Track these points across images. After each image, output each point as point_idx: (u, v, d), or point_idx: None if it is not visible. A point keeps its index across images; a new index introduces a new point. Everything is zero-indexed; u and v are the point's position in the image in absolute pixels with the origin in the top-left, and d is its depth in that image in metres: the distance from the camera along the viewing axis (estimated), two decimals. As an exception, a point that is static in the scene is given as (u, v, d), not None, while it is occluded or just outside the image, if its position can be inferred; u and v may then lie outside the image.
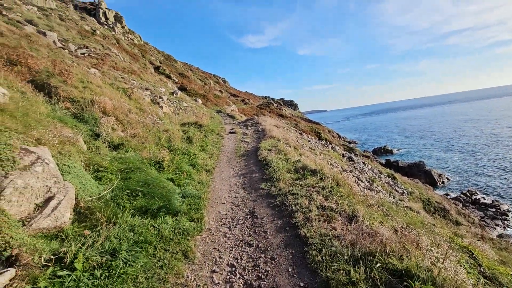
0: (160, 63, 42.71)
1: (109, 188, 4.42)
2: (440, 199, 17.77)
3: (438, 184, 25.91)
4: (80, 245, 3.06)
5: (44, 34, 17.24)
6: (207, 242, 3.91)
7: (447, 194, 22.84)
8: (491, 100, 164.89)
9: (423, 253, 3.09)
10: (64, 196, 3.69)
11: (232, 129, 14.96)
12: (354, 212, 4.23)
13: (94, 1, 46.05)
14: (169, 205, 4.45)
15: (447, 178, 27.22)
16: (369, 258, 2.90)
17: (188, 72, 52.60)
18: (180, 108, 19.52)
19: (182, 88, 33.19)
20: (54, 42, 17.17)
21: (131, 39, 46.06)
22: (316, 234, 3.66)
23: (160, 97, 18.10)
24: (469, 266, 4.66)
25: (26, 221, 3.23)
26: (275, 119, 24.43)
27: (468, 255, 5.02)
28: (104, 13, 43.38)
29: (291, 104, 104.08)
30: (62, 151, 4.47)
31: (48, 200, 3.56)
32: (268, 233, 4.03)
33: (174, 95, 24.38)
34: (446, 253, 3.45)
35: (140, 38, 50.99)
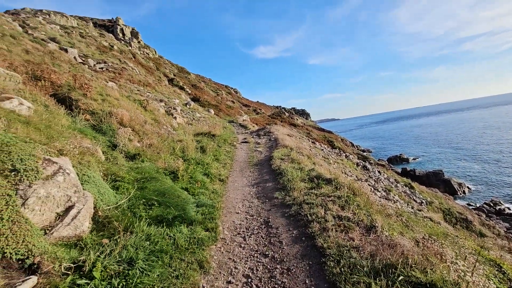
0: (174, 75, 43.88)
1: (126, 198, 4.49)
2: (461, 209, 17.01)
3: (459, 193, 24.87)
4: (98, 253, 3.10)
5: (66, 50, 18.16)
6: (222, 252, 3.88)
7: (469, 204, 21.86)
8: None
9: (448, 265, 2.93)
10: (84, 205, 3.78)
11: (245, 138, 15.03)
12: (372, 222, 4.10)
13: (112, 19, 48.26)
14: (184, 214, 4.47)
15: (468, 187, 26.09)
16: (390, 270, 2.78)
17: (201, 83, 53.71)
18: (194, 118, 19.87)
19: (195, 99, 33.85)
20: (75, 57, 18.04)
21: (146, 53, 47.71)
22: (333, 244, 3.56)
23: (174, 108, 18.51)
24: (498, 280, 4.39)
25: (48, 229, 3.32)
26: (287, 128, 24.39)
27: (496, 268, 4.74)
28: (122, 30, 45.30)
29: (303, 113, 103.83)
30: (82, 161, 4.60)
31: (68, 209, 3.65)
32: (284, 243, 3.96)
33: (188, 106, 24.87)
34: (474, 266, 3.27)
35: (155, 52, 52.75)
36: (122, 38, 44.56)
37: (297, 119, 58.97)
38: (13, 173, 3.19)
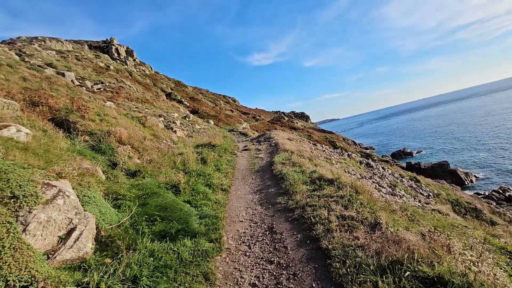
0: (171, 89, 44.28)
1: (128, 215, 4.49)
2: (470, 199, 16.78)
3: (466, 183, 24.59)
4: (102, 274, 3.08)
5: (63, 74, 18.43)
6: (227, 262, 3.84)
7: (477, 193, 21.57)
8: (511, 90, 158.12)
9: (455, 257, 2.88)
10: (85, 226, 3.78)
11: (245, 146, 15.04)
12: (376, 219, 4.05)
13: (107, 39, 49.04)
14: (187, 227, 4.44)
15: (475, 176, 25.81)
16: (396, 267, 2.73)
17: (199, 95, 54.12)
18: (193, 130, 19.96)
19: (194, 111, 34.05)
20: (72, 81, 18.29)
21: (142, 70, 48.30)
22: (338, 245, 3.52)
23: (174, 122, 18.63)
24: (511, 268, 4.30)
25: (50, 253, 3.31)
26: (287, 133, 24.39)
27: (508, 256, 4.65)
28: (116, 49, 45.97)
29: (303, 116, 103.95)
30: (82, 182, 4.62)
31: (70, 231, 3.65)
32: (289, 248, 3.92)
33: (187, 118, 25.02)
34: (481, 256, 3.21)
35: (151, 68, 53.38)
36: (118, 58, 45.18)
37: (297, 122, 59.02)
38: (12, 200, 3.21)
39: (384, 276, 2.68)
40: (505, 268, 4.23)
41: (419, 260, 2.77)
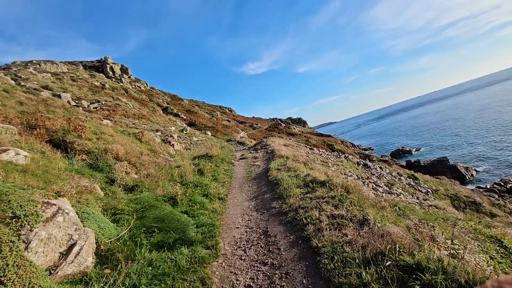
0: (168, 104, 44.73)
1: (126, 228, 4.64)
2: (469, 193, 16.88)
3: (467, 177, 24.68)
4: (102, 285, 3.23)
5: (59, 96, 18.75)
6: (224, 267, 3.98)
7: (479, 187, 21.64)
8: (506, 82, 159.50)
9: (434, 245, 3.04)
10: (85, 241, 3.93)
11: (242, 155, 15.22)
12: (364, 216, 4.21)
13: (101, 59, 49.82)
14: (184, 236, 4.59)
15: (475, 170, 25.92)
16: (379, 258, 2.89)
17: (195, 107, 54.60)
18: (191, 143, 20.16)
19: (191, 124, 34.36)
20: (68, 101, 18.60)
21: (138, 86, 48.88)
22: (327, 243, 3.67)
23: (171, 136, 18.85)
24: (500, 256, 4.44)
25: (52, 269, 3.46)
26: (284, 139, 24.61)
27: (498, 244, 4.78)
28: (111, 68, 46.66)
29: (300, 122, 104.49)
30: (81, 199, 4.79)
31: (70, 247, 3.80)
32: (282, 249, 4.06)
33: (184, 131, 25.27)
34: (466, 244, 3.37)
35: (147, 84, 54.02)
36: (113, 76, 45.82)
37: (294, 128, 59.35)
38: (14, 219, 3.37)
39: (367, 267, 2.84)
40: (493, 255, 4.38)
41: (401, 250, 2.93)
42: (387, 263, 2.74)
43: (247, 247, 4.46)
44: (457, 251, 3.21)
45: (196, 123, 35.35)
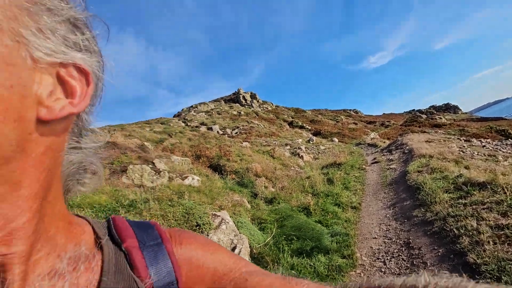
0: (292, 118, 47.45)
1: (271, 236, 5.47)
2: None
3: None
4: (258, 281, 4.02)
5: (211, 128, 23.84)
6: (362, 278, 4.00)
7: None
8: None
9: None
10: (242, 245, 4.97)
11: (374, 158, 14.13)
12: (552, 227, 3.18)
13: (235, 91, 59.42)
14: (320, 244, 4.93)
15: None
16: None
17: (318, 116, 55.07)
18: (318, 152, 20.54)
19: (316, 133, 34.88)
20: (217, 132, 23.33)
21: (265, 107, 54.66)
22: (491, 260, 3.03)
23: (299, 148, 19.96)
24: None
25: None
26: (426, 134, 20.84)
27: None
28: (243, 97, 54.69)
29: (448, 108, 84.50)
30: (235, 211, 6.06)
31: (233, 249, 4.92)
32: (429, 264, 3.64)
33: (310, 142, 26.03)
34: None
35: (272, 104, 59.61)
36: (245, 103, 53.46)
37: (440, 118, 48.99)
38: (197, 227, 4.76)
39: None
40: None
41: None
42: None
43: (387, 259, 4.27)
44: None
45: (321, 131, 35.55)
